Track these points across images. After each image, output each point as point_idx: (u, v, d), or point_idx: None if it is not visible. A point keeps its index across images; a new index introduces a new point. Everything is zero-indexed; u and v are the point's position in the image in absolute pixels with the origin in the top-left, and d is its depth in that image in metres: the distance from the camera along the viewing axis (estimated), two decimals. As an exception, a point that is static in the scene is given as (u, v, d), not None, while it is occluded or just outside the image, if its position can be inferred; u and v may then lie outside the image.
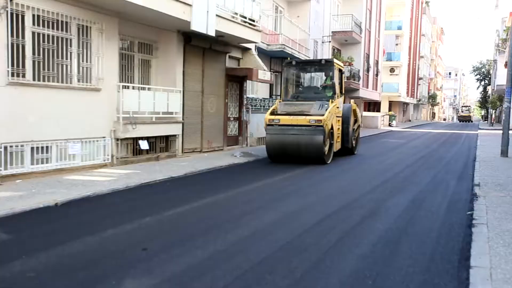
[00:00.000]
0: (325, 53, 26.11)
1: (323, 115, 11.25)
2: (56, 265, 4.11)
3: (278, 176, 9.53)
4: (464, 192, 8.21)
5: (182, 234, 5.20)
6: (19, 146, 8.01)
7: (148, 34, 11.73)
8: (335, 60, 12.85)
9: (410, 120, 58.35)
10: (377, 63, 37.69)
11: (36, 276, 3.86)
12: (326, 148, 11.58)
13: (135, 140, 10.68)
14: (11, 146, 7.85)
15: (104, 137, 9.82)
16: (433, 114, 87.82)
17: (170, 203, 6.84)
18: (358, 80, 29.72)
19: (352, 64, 28.81)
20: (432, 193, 8.11)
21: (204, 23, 11.12)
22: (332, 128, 11.83)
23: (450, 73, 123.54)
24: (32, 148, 8.27)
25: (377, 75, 38.02)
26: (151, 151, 11.28)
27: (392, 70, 49.00)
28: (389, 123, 40.33)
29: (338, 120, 12.82)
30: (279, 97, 13.93)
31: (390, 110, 47.46)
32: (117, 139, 10.14)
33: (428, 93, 73.77)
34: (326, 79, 13.25)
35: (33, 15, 8.23)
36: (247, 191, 8.01)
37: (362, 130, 31.25)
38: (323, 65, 12.93)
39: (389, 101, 49.05)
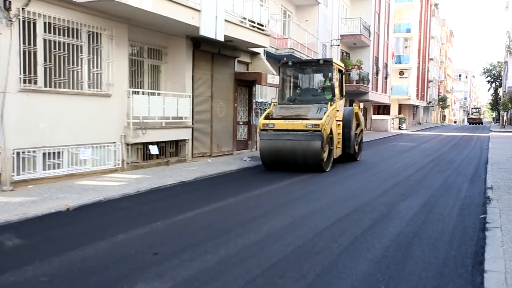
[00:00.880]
0: (334, 57, 26.06)
1: (321, 119, 10.53)
2: (69, 270, 4.14)
3: (286, 181, 9.50)
4: (477, 195, 8.13)
5: (193, 238, 5.21)
6: (31, 152, 8.09)
7: (158, 40, 11.81)
8: (334, 60, 12.08)
9: (420, 123, 57.97)
10: (386, 66, 37.54)
11: (49, 280, 3.89)
12: (325, 155, 10.85)
13: (145, 145, 10.74)
14: (23, 152, 7.93)
15: (114, 143, 9.88)
16: (443, 117, 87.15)
17: (180, 207, 6.86)
18: (367, 84, 29.61)
19: (361, 68, 28.72)
20: (444, 196, 8.04)
21: (213, 28, 11.17)
22: (331, 133, 11.15)
23: (460, 76, 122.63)
24: (44, 154, 8.35)
25: (386, 78, 37.86)
26: (161, 156, 11.33)
27: (401, 73, 48.76)
28: (399, 126, 40.11)
29: (338, 124, 12.11)
30: (274, 100, 13.20)
31: (399, 113, 47.21)
32: (128, 144, 10.20)
33: (438, 95, 73.28)
34: (325, 81, 12.49)
35: (45, 23, 8.34)
36: (256, 195, 8.01)
37: (372, 133, 31.22)
38: (322, 66, 12.15)
39: (399, 104, 48.80)
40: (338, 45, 26.45)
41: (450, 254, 4.71)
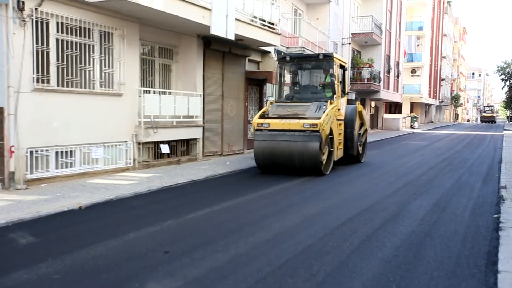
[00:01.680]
0: (345, 55, 25.94)
1: (319, 118, 9.79)
2: (81, 268, 4.17)
3: (296, 180, 9.47)
4: (490, 194, 8.03)
5: (204, 237, 5.22)
6: (44, 150, 8.18)
7: (169, 39, 11.86)
8: (335, 55, 11.26)
9: (432, 122, 57.45)
10: (398, 64, 37.24)
11: (61, 278, 3.93)
12: (324, 157, 10.11)
13: (156, 144, 10.79)
14: (36, 151, 8.02)
15: (126, 141, 9.95)
16: (456, 116, 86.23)
17: (191, 206, 6.88)
18: (379, 82, 29.42)
19: (372, 66, 28.54)
20: (457, 195, 7.96)
21: (223, 27, 11.17)
22: (331, 133, 10.39)
23: (473, 74, 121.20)
24: (56, 153, 8.43)
25: (398, 76, 37.57)
26: (172, 155, 11.38)
27: (413, 71, 48.34)
28: (411, 125, 39.80)
29: (340, 124, 11.31)
30: (271, 98, 12.41)
31: (411, 111, 46.83)
32: (139, 143, 10.26)
33: (451, 94, 72.51)
34: (325, 77, 11.68)
35: (57, 23, 8.42)
36: (267, 194, 8.00)
37: (383, 132, 31.00)
38: (322, 61, 11.26)
39: (411, 103, 48.41)
40: (349, 43, 26.31)
41: (463, 254, 4.66)
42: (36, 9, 7.90)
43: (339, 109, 11.14)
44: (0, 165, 7.40)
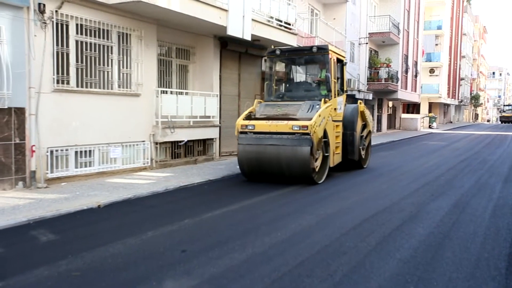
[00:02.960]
0: (362, 55, 25.77)
1: (311, 119, 8.66)
2: (100, 265, 4.24)
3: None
4: (511, 196, 7.88)
5: (220, 236, 5.25)
6: (64, 150, 8.33)
7: (186, 40, 11.95)
8: (330, 47, 10.01)
9: (451, 122, 56.62)
10: (416, 64, 36.81)
11: (81, 275, 3.99)
12: (317, 163, 8.96)
13: (174, 144, 10.88)
14: (56, 150, 8.17)
15: (143, 141, 10.06)
16: (476, 116, 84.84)
17: (208, 205, 6.92)
18: (396, 82, 29.12)
19: (390, 66, 28.27)
20: (476, 197, 7.83)
21: (240, 28, 11.21)
22: (325, 136, 9.26)
23: (494, 73, 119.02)
24: (76, 152, 8.58)
25: (416, 76, 37.13)
26: (189, 155, 11.46)
27: (432, 70, 47.73)
28: (429, 125, 39.31)
29: (337, 126, 10.14)
30: (258, 96, 11.00)
31: (430, 111, 46.24)
32: (156, 143, 10.36)
33: (471, 93, 71.37)
34: (321, 73, 10.47)
35: (77, 24, 8.56)
36: (283, 194, 7.99)
37: (401, 132, 30.69)
38: (316, 54, 9.98)
39: (429, 103, 47.80)
40: (367, 43, 26.11)
41: (483, 256, 4.59)
42: (56, 11, 8.05)
43: (335, 109, 9.98)
44: (21, 164, 7.55)
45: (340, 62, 10.64)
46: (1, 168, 7.25)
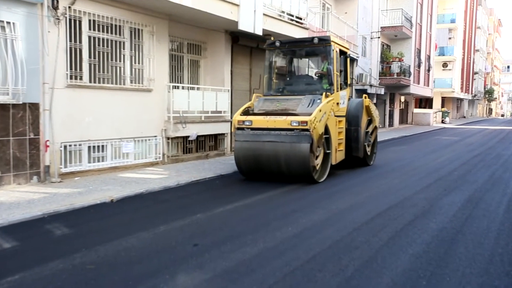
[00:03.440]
0: (374, 49, 25.56)
1: (311, 114, 8.27)
2: (113, 259, 4.29)
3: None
4: (525, 191, 7.79)
5: (232, 230, 5.28)
6: (77, 145, 8.42)
7: (197, 35, 11.96)
8: (333, 38, 9.49)
9: (464, 117, 55.99)
10: (428, 58, 36.42)
11: (95, 268, 4.05)
12: (318, 161, 8.56)
13: (185, 139, 10.93)
14: (70, 145, 8.27)
15: (155, 136, 10.12)
16: (490, 110, 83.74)
17: (219, 200, 6.95)
18: (409, 76, 28.84)
19: (402, 60, 28.01)
20: (490, 191, 7.76)
21: (251, 23, 11.19)
22: (327, 132, 8.85)
23: (508, 67, 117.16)
24: (89, 147, 8.66)
25: (428, 70, 36.74)
26: (201, 150, 11.50)
27: (445, 65, 47.17)
28: (442, 120, 38.93)
29: (340, 121, 9.65)
30: (258, 90, 10.62)
31: (443, 106, 45.75)
32: (168, 138, 10.42)
33: (484, 88, 70.43)
34: (323, 66, 9.93)
35: (89, 20, 8.62)
36: (294, 189, 7.98)
37: (413, 127, 30.44)
38: (317, 46, 9.52)
39: (442, 97, 47.28)
40: (379, 37, 25.88)
41: (497, 251, 4.56)
42: (69, 7, 8.12)
43: (338, 104, 9.51)
44: (36, 159, 7.66)
45: (344, 54, 10.20)
46: (16, 162, 7.36)
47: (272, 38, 10.16)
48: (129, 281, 3.75)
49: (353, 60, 10.64)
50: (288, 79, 10.36)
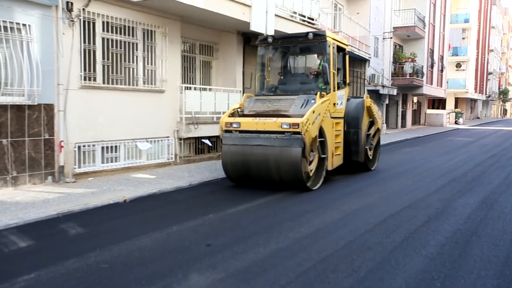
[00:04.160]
0: (386, 50, 25.41)
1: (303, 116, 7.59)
2: (127, 258, 4.33)
3: (337, 176, 9.38)
4: (541, 193, 7.68)
5: (245, 231, 5.28)
6: (91, 145, 8.50)
7: (209, 36, 12.01)
8: (328, 33, 8.79)
9: (478, 118, 55.34)
10: (442, 58, 36.08)
11: (109, 267, 4.09)
12: (312, 167, 7.89)
13: (197, 139, 10.98)
14: (83, 146, 8.35)
15: (168, 137, 10.18)
16: (505, 111, 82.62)
17: (232, 200, 6.97)
18: (422, 77, 28.60)
19: (415, 60, 27.79)
20: (505, 193, 7.66)
21: (263, 24, 11.20)
22: (322, 135, 8.17)
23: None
24: (102, 148, 8.75)
25: (442, 71, 36.40)
26: (213, 150, 11.54)
27: (458, 65, 46.68)
28: (455, 121, 38.53)
29: (337, 123, 8.97)
30: (250, 90, 9.83)
31: (456, 107, 45.28)
32: (180, 139, 10.47)
33: (499, 88, 69.51)
34: (319, 63, 9.05)
35: (103, 22, 8.71)
36: (307, 189, 7.96)
37: (426, 128, 30.16)
38: (312, 41, 8.77)
39: (455, 98, 46.79)
40: (391, 37, 25.72)
41: (512, 253, 4.50)
42: (83, 9, 8.21)
43: (335, 104, 8.83)
44: (50, 159, 7.75)
45: (342, 51, 9.55)
46: (31, 163, 7.46)
47: (264, 34, 9.41)
48: (143, 281, 3.78)
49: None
50: (281, 78, 9.66)
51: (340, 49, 9.37)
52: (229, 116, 8.27)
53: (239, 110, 8.50)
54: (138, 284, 3.72)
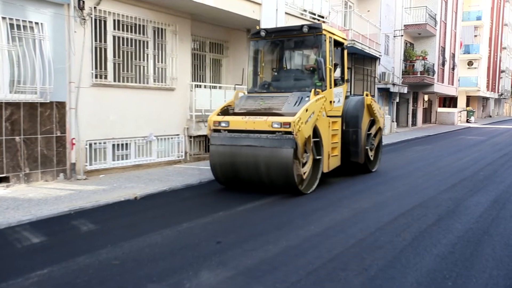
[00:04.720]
0: (397, 48, 25.22)
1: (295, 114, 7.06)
2: (138, 255, 4.36)
3: (347, 175, 9.35)
4: (555, 192, 7.58)
5: (254, 229, 5.29)
6: (102, 143, 8.57)
7: (219, 34, 12.03)
8: (324, 26, 8.25)
9: (490, 116, 54.75)
10: (453, 56, 35.72)
11: (120, 264, 4.12)
12: (305, 169, 7.37)
13: (207, 137, 10.99)
14: (95, 143, 8.42)
15: (178, 135, 10.22)
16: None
17: (241, 198, 6.97)
18: (433, 75, 28.34)
19: (426, 58, 27.55)
20: (517, 192, 7.57)
21: (273, 21, 11.19)
22: (316, 135, 7.66)
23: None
24: (113, 145, 8.81)
25: (453, 69, 36.04)
26: (222, 148, 11.55)
27: (470, 63, 46.20)
28: (467, 119, 38.15)
29: (334, 122, 8.42)
30: (240, 86, 9.36)
31: (468, 105, 44.84)
32: (190, 137, 10.51)
33: (511, 86, 68.68)
34: (316, 58, 8.38)
35: (114, 20, 8.76)
36: (316, 188, 7.94)
37: (437, 127, 29.91)
38: (307, 35, 8.18)
39: (467, 96, 46.32)
40: (402, 35, 25.51)
41: (525, 253, 4.45)
42: (95, 7, 8.27)
43: (332, 102, 8.32)
44: (62, 157, 7.83)
45: (340, 46, 9.05)
46: (43, 160, 7.54)
47: (257, 27, 8.91)
48: (153, 277, 3.80)
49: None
50: (275, 74, 9.11)
51: (338, 44, 8.89)
52: (218, 115, 7.84)
53: (229, 108, 8.06)
54: (149, 280, 3.74)
